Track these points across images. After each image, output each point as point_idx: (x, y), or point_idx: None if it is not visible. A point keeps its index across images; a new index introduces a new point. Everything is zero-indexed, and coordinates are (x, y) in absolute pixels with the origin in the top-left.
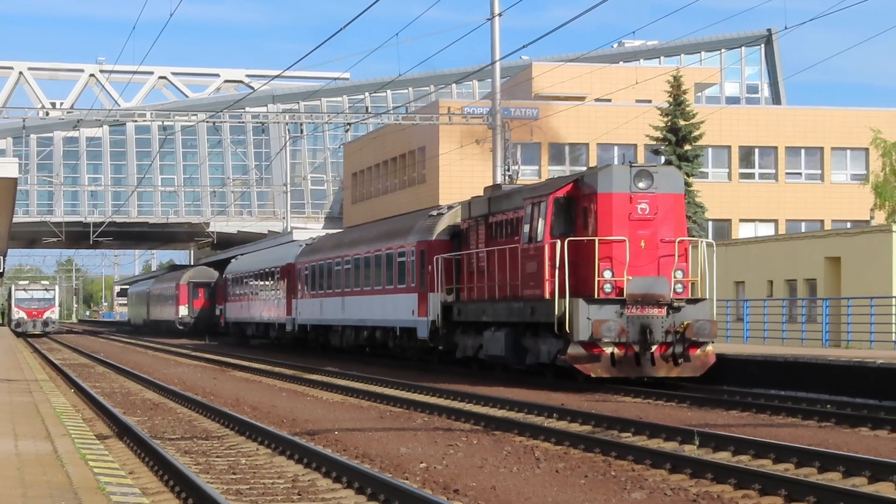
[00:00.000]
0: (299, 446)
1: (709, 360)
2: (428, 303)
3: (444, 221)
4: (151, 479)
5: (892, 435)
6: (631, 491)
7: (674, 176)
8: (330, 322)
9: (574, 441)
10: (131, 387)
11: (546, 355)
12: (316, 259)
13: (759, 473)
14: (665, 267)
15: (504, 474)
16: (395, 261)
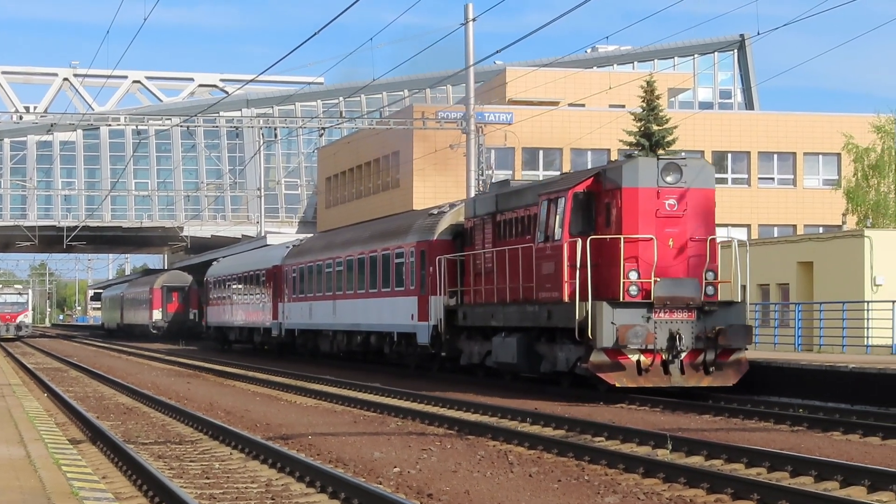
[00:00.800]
0: (273, 451)
1: (743, 369)
2: (429, 306)
3: (446, 220)
4: (125, 483)
5: (863, 439)
6: (604, 495)
7: (704, 169)
8: (320, 327)
9: (547, 445)
10: (105, 391)
11: (564, 363)
12: (305, 261)
13: (731, 478)
14: (695, 268)
15: (477, 479)
16: (393, 262)
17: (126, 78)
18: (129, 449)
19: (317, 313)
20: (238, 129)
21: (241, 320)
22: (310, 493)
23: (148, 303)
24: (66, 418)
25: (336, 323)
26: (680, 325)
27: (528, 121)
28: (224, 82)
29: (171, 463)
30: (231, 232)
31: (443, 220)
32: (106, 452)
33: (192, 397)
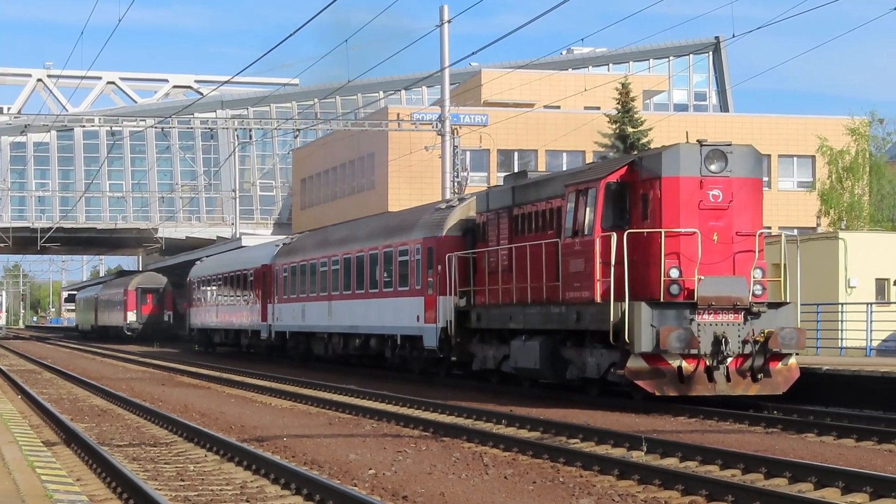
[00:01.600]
0: (248, 453)
1: (792, 376)
2: (437, 307)
3: (456, 215)
4: (99, 485)
5: (838, 441)
6: (579, 497)
7: (752, 157)
8: (314, 329)
9: (522, 447)
10: (79, 393)
11: (595, 369)
12: (297, 259)
13: (706, 479)
14: (742, 265)
15: (452, 480)
16: (396, 260)
17: (100, 79)
18: (103, 451)
19: (310, 315)
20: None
21: (227, 322)
22: (285, 494)
23: (122, 304)
24: (41, 420)
25: (332, 325)
26: (726, 328)
27: (504, 122)
28: (199, 83)
29: (146, 465)
30: (206, 233)
31: (452, 215)
32: (80, 455)
33: (167, 399)
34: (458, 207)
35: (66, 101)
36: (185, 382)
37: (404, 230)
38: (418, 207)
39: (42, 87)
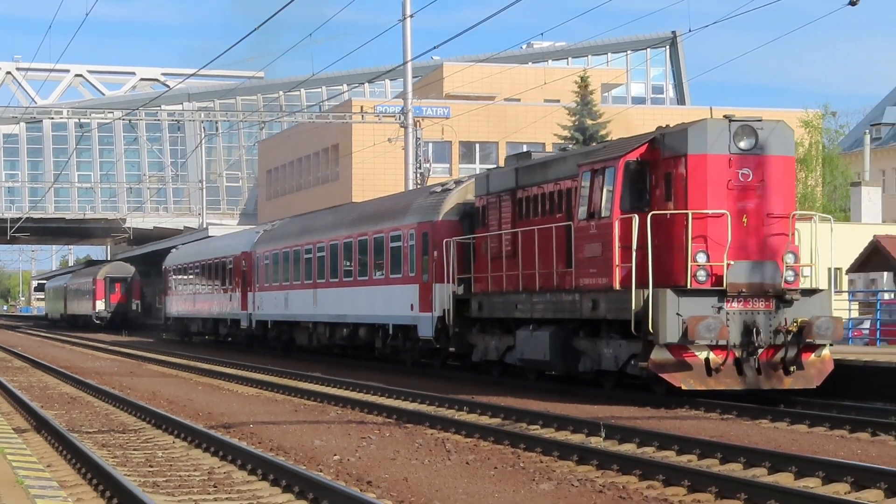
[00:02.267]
0: (215, 439)
1: (826, 368)
2: (433, 295)
3: (453, 199)
4: (69, 472)
5: (790, 427)
6: (539, 482)
7: (784, 133)
8: (297, 318)
9: (484, 433)
10: (49, 381)
11: (612, 361)
12: (279, 246)
13: (662, 464)
14: (773, 249)
15: (416, 466)
16: (387, 246)
17: (68, 72)
18: (73, 438)
19: (294, 303)
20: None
21: (205, 311)
22: (251, 480)
23: (91, 293)
24: (11, 407)
25: (317, 314)
26: (756, 317)
27: (465, 115)
28: (166, 76)
29: (115, 451)
30: (173, 224)
31: (448, 199)
32: (50, 441)
33: (136, 387)
34: (455, 191)
35: (35, 94)
36: (154, 371)
37: (396, 215)
38: (411, 191)
39: (11, 80)
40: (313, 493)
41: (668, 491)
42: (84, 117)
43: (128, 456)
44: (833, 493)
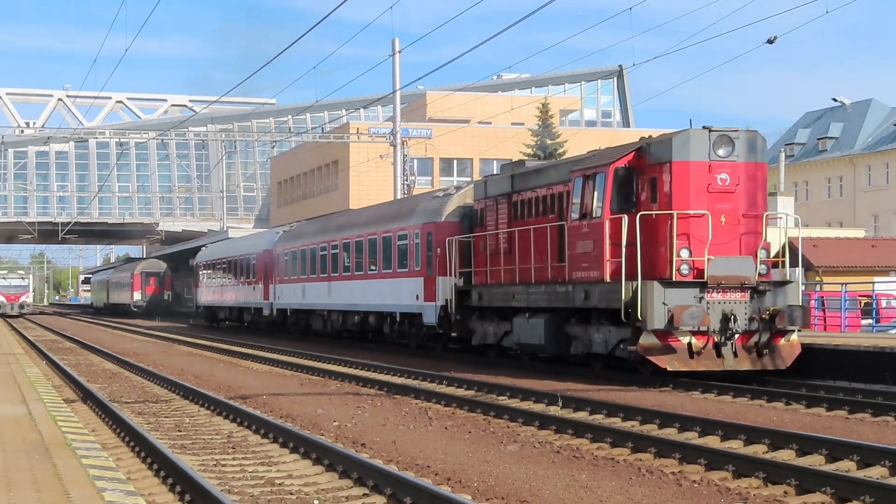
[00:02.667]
0: (233, 408)
1: (795, 351)
2: (436, 287)
3: (454, 202)
4: (110, 435)
5: (718, 397)
6: (506, 444)
7: (757, 142)
8: (314, 307)
9: (460, 403)
10: (93, 359)
11: (602, 345)
12: (297, 245)
13: (610, 429)
14: (748, 245)
15: (402, 431)
16: (395, 244)
17: (110, 99)
18: (113, 407)
19: (310, 294)
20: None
21: (231, 300)
22: (264, 443)
23: (130, 285)
24: (62, 382)
25: (331, 303)
26: (734, 306)
27: (445, 136)
28: (192, 102)
29: (149, 418)
30: (199, 227)
31: (450, 202)
32: (94, 410)
33: (167, 364)
34: (456, 195)
35: (82, 117)
36: (183, 351)
37: (402, 217)
38: (415, 196)
39: (62, 106)
40: (316, 454)
41: (615, 451)
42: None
43: (160, 422)
44: (752, 452)
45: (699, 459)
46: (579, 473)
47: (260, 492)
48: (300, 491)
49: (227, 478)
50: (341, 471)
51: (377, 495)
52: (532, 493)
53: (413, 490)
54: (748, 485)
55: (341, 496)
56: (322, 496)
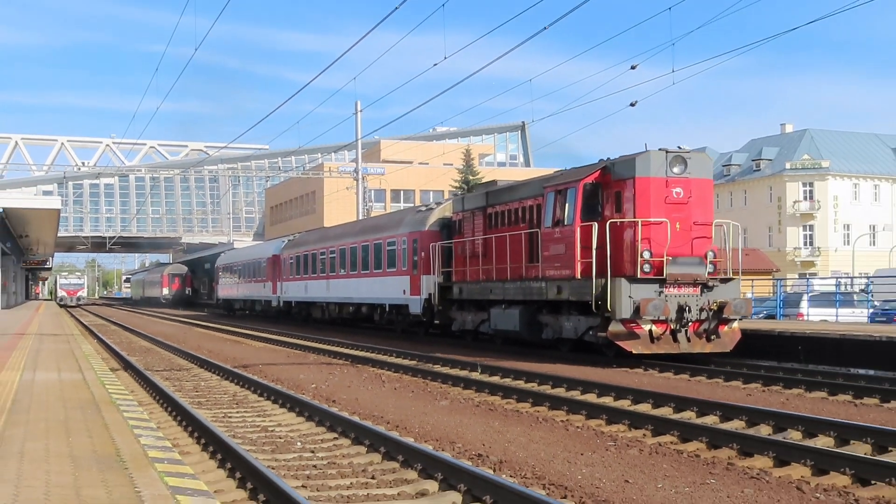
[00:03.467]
0: (237, 374)
1: (736, 336)
2: (420, 283)
3: (435, 215)
4: (145, 395)
5: (648, 371)
6: (440, 400)
7: (705, 162)
8: (314, 299)
9: (406, 370)
10: (132, 338)
11: (572, 331)
12: (301, 251)
13: (515, 389)
14: (699, 248)
15: (363, 391)
16: (385, 249)
17: (145, 144)
18: (147, 373)
19: (312, 289)
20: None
21: (245, 294)
22: (260, 400)
23: (160, 283)
24: (108, 355)
25: (329, 297)
26: (687, 299)
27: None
28: (207, 147)
29: (174, 382)
30: (212, 240)
31: (432, 215)
32: (133, 376)
33: (187, 342)
34: (437, 209)
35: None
36: (199, 333)
37: (391, 227)
38: (400, 211)
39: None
40: (299, 408)
41: (520, 405)
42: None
43: (182, 385)
44: (661, 413)
45: (581, 411)
46: (493, 421)
47: (257, 436)
48: (287, 435)
49: (232, 426)
50: (317, 420)
51: (344, 438)
52: (459, 436)
53: (370, 434)
54: (617, 429)
55: (317, 439)
56: (303, 439)
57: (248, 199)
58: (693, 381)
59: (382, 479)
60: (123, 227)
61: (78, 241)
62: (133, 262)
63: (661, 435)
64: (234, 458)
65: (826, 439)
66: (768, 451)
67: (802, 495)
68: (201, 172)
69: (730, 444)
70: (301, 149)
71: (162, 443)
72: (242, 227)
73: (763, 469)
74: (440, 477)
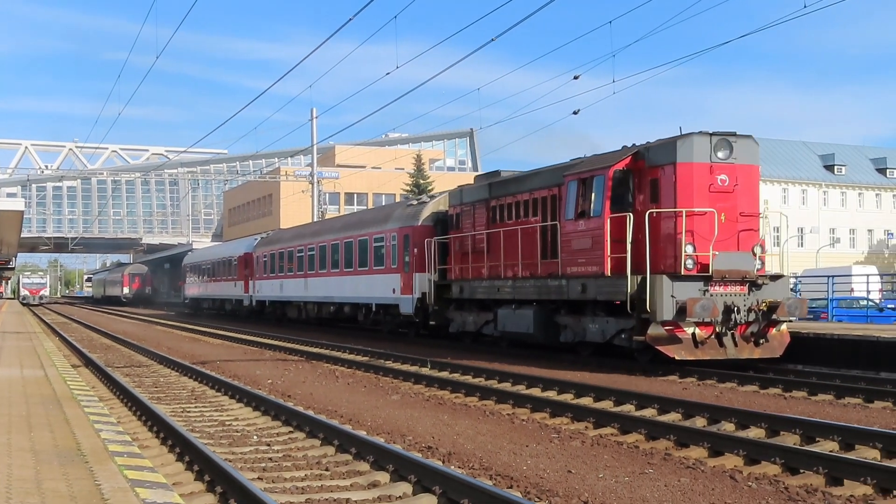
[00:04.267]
0: (195, 370)
1: (786, 340)
2: (413, 282)
3: (429, 209)
4: (105, 391)
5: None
6: (391, 395)
7: (752, 147)
8: (290, 299)
9: (358, 366)
10: (93, 335)
11: (598, 334)
12: (275, 248)
13: (464, 383)
14: (746, 241)
15: (317, 386)
16: (371, 246)
17: (107, 149)
18: (108, 370)
19: (288, 288)
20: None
21: (215, 293)
22: (218, 395)
23: (120, 282)
24: (70, 352)
25: (308, 296)
26: (734, 298)
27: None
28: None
29: (134, 378)
30: (171, 240)
31: (425, 209)
32: (94, 373)
33: (147, 339)
34: (430, 203)
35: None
36: (159, 330)
37: (378, 222)
38: (388, 205)
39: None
40: (255, 403)
41: (468, 399)
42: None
43: (142, 381)
44: (602, 406)
45: (526, 405)
46: (442, 415)
47: (215, 430)
48: (244, 429)
49: (190, 420)
50: (273, 415)
51: (299, 432)
52: (409, 429)
53: (324, 428)
54: (560, 422)
55: (273, 433)
56: (259, 433)
57: (207, 202)
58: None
59: (336, 471)
60: (85, 228)
61: (41, 242)
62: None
63: (602, 427)
64: (192, 452)
65: (758, 430)
66: (703, 442)
67: (735, 484)
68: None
69: (667, 436)
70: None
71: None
72: (201, 228)
73: (698, 459)
74: (391, 468)
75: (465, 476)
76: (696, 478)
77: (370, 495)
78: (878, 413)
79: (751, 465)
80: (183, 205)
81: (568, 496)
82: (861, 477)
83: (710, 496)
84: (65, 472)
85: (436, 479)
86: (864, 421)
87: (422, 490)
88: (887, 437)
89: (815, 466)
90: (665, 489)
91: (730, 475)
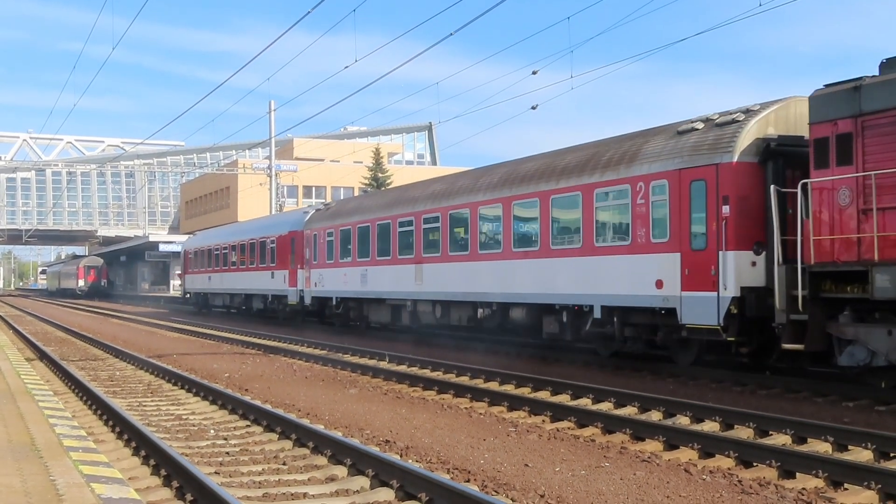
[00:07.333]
0: (152, 364)
1: None
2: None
3: (751, 132)
4: (60, 385)
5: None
6: (349, 388)
7: None
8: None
9: (317, 360)
10: (47, 328)
11: None
12: (351, 221)
13: (422, 377)
14: None
15: (274, 380)
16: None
17: (62, 140)
18: (63, 363)
19: (376, 280)
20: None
21: (236, 287)
22: (175, 389)
23: (75, 275)
24: (24, 345)
25: (421, 291)
26: None
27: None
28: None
29: (90, 372)
30: (128, 233)
31: (745, 133)
32: (49, 366)
33: (103, 332)
34: (754, 122)
35: (41, 153)
36: (114, 323)
37: (612, 164)
38: (641, 132)
39: (26, 144)
40: (212, 397)
41: (426, 393)
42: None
43: (97, 375)
44: (559, 400)
45: (484, 398)
46: (400, 409)
47: (171, 424)
48: (201, 423)
49: (147, 414)
50: (230, 408)
51: (256, 426)
52: (367, 423)
53: (282, 422)
54: (517, 416)
55: (231, 427)
56: (217, 427)
57: (164, 194)
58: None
59: (293, 465)
60: (40, 220)
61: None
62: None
63: (559, 421)
64: (149, 447)
65: (712, 424)
66: (659, 436)
67: (690, 477)
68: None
69: (623, 430)
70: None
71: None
72: (158, 220)
73: (654, 452)
74: (349, 462)
75: (423, 470)
76: (652, 471)
77: (328, 489)
78: (830, 406)
79: (705, 458)
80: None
81: (525, 490)
82: (813, 470)
83: (665, 489)
84: (19, 468)
85: (393, 473)
86: (816, 415)
87: (379, 484)
88: (838, 430)
89: (769, 459)
90: (621, 482)
91: (684, 468)
